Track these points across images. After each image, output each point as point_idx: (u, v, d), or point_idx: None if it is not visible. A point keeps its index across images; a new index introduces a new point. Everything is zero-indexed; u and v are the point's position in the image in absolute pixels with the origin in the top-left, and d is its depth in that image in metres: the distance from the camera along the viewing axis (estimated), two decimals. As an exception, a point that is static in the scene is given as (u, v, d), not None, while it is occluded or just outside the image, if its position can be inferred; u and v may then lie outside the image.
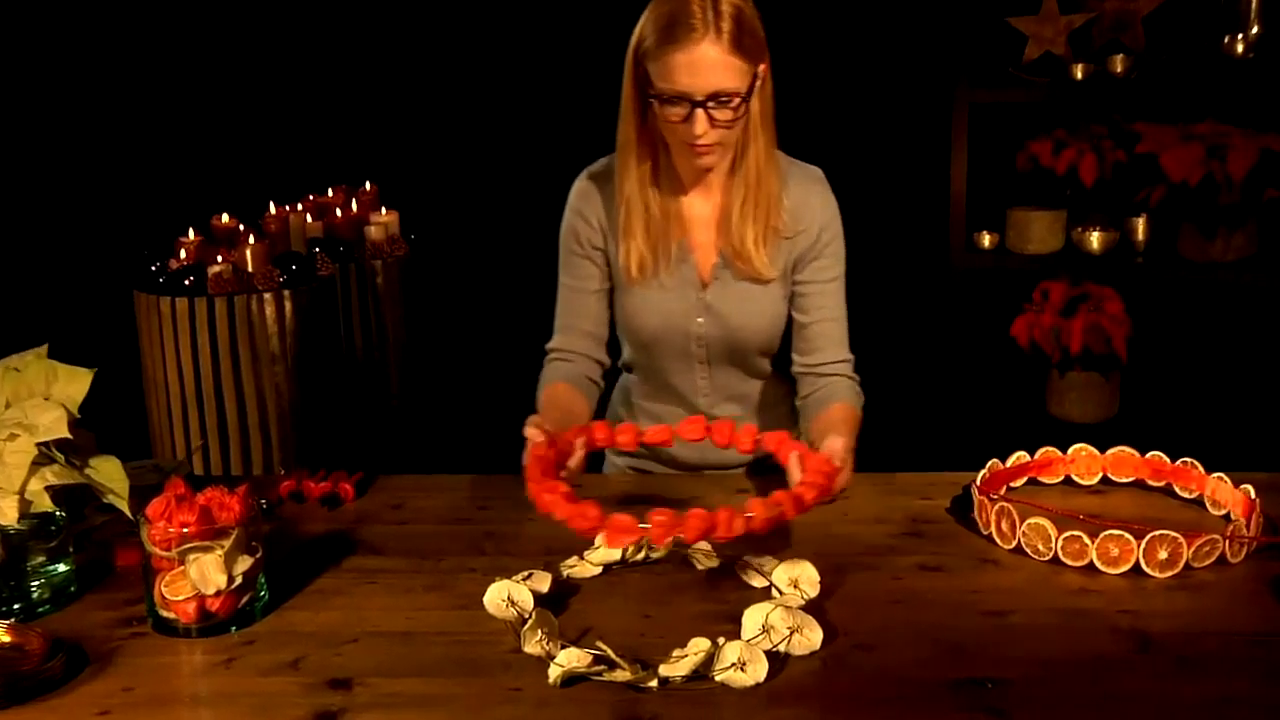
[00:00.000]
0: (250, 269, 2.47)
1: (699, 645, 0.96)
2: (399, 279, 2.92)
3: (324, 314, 2.59)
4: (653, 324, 1.43)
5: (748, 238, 1.37)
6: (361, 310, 2.86)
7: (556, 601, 1.10)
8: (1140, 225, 2.67)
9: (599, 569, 1.17)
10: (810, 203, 1.40)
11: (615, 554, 1.17)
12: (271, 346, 2.45)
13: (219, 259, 2.50)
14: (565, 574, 1.16)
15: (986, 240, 2.82)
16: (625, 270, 1.40)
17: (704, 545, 1.19)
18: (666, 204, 1.39)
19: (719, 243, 1.39)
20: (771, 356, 1.48)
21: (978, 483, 1.32)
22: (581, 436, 1.26)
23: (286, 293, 2.46)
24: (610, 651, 0.94)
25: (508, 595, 1.06)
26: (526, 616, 1.04)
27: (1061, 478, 1.41)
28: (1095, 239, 2.70)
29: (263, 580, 1.10)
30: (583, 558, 1.18)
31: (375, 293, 2.88)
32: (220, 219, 2.86)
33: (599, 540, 1.18)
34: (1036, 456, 1.40)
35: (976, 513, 1.29)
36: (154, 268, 2.53)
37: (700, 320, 1.42)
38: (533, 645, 0.98)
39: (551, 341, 1.48)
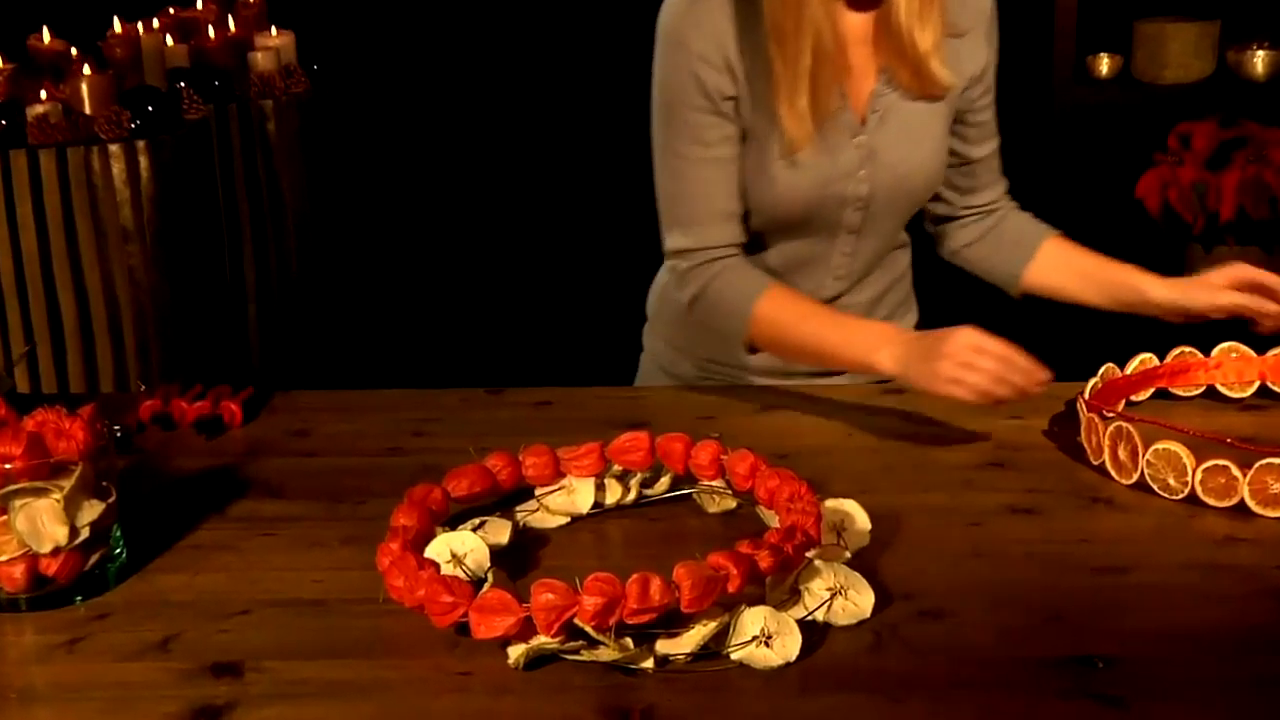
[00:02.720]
0: (88, 110, 2.43)
1: (709, 614, 0.97)
2: (296, 126, 2.88)
3: (194, 173, 2.56)
4: (804, 199, 1.43)
5: (923, 38, 1.39)
6: (246, 169, 2.82)
7: (518, 558, 1.11)
8: (1319, 43, 2.63)
9: (567, 519, 1.19)
10: None
11: (586, 496, 1.19)
12: (122, 218, 2.42)
13: (42, 95, 2.44)
14: (523, 522, 1.18)
15: (1105, 65, 2.76)
16: (786, 129, 1.37)
17: (716, 481, 1.21)
18: (833, 15, 1.37)
19: (878, 59, 1.42)
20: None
21: (1086, 395, 1.32)
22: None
23: (140, 144, 2.42)
24: (590, 629, 0.95)
25: (453, 550, 1.06)
26: (480, 577, 1.04)
27: (1202, 388, 1.42)
28: (1259, 61, 2.64)
29: (118, 533, 1.10)
30: (540, 501, 1.20)
31: (264, 144, 2.84)
32: (40, 39, 2.79)
33: (568, 480, 1.20)
34: (1168, 360, 1.40)
35: (1084, 436, 1.29)
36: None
37: (861, 174, 1.43)
38: (485, 616, 0.99)
39: (681, 238, 1.42)
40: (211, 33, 2.90)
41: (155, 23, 2.90)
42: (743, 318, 1.40)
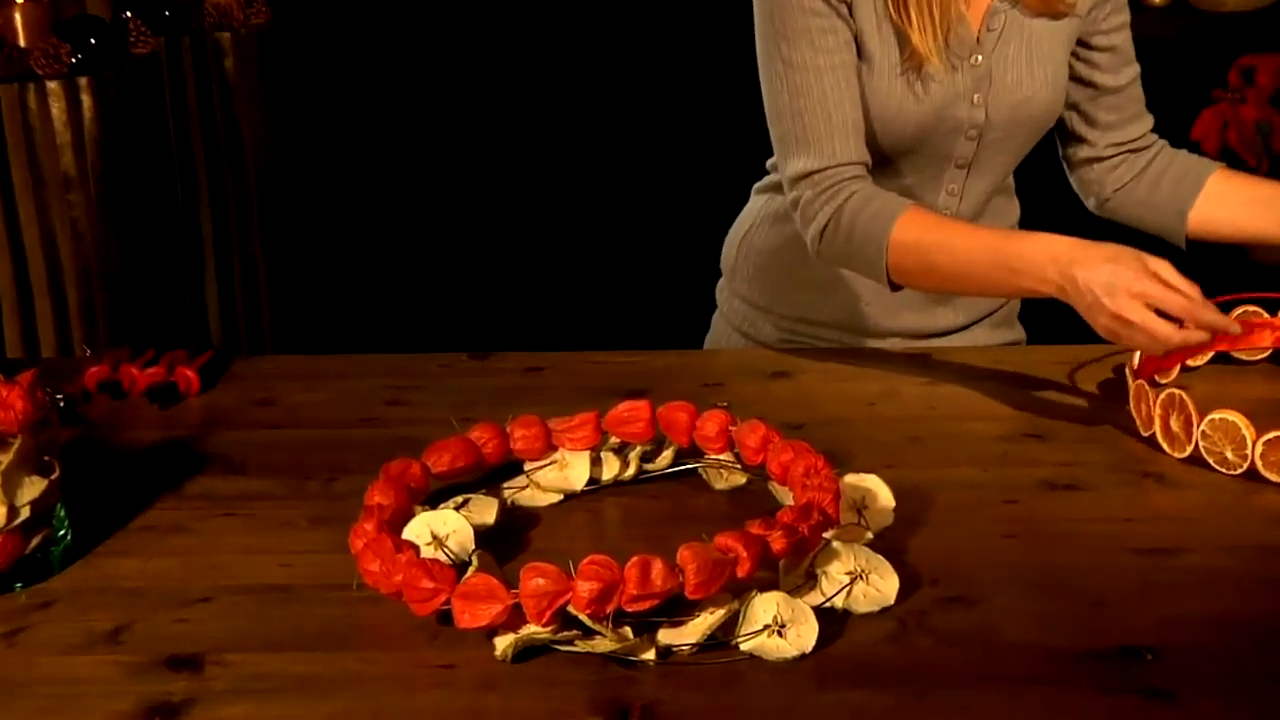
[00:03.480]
0: (22, 43, 2.41)
1: (716, 600, 0.97)
2: (257, 62, 2.86)
3: (143, 114, 2.55)
4: (917, 123, 1.42)
5: None
6: (202, 110, 2.81)
7: (506, 539, 1.11)
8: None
9: (559, 496, 1.19)
10: None
11: (580, 472, 1.20)
12: (62, 165, 2.41)
13: (-30, 27, 2.43)
14: (511, 500, 1.18)
15: (1160, -9, 2.74)
16: (912, 40, 1.37)
17: (724, 455, 1.21)
18: None
19: None
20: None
21: (1136, 360, 1.32)
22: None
23: (82, 81, 2.40)
24: (585, 617, 0.95)
25: (434, 531, 1.07)
26: (463, 560, 1.04)
27: (1267, 353, 1.41)
28: (1328, -12, 2.63)
29: (63, 513, 1.10)
30: (529, 478, 1.20)
31: (222, 82, 2.82)
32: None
33: (561, 454, 1.20)
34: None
35: (1133, 404, 1.29)
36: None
37: (976, 98, 1.43)
38: (469, 604, 1.00)
39: (805, 160, 1.39)
40: (161, -44, 2.88)
41: (98, -56, 2.87)
42: (880, 244, 1.33)
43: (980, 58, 1.42)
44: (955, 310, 1.57)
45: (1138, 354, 1.32)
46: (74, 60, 2.41)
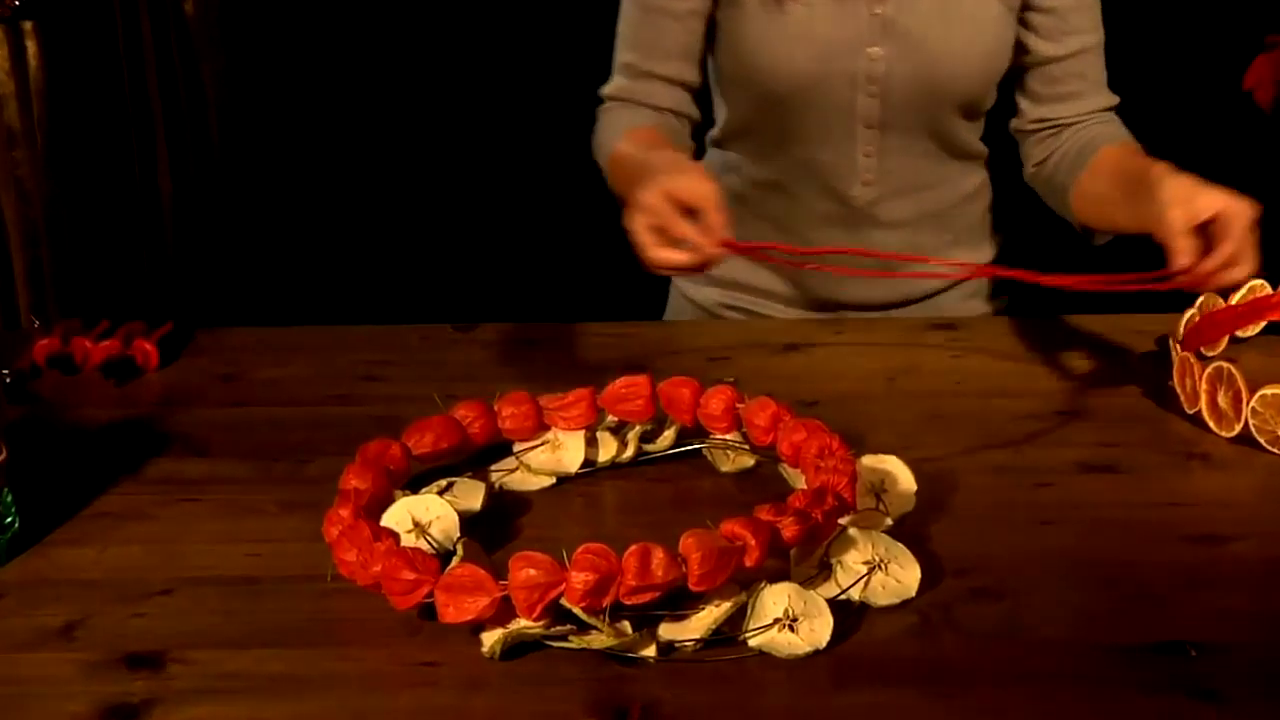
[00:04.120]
0: (-39, -16, 2.40)
1: (723, 593, 0.97)
2: (219, 6, 2.85)
3: (94, 62, 2.54)
4: (797, 63, 1.43)
5: None
6: (159, 56, 2.79)
7: (494, 526, 1.11)
8: None
9: (552, 479, 1.19)
10: None
11: (575, 453, 1.20)
12: (6, 117, 2.41)
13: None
14: (499, 484, 1.19)
15: (1209, -73, 2.72)
16: None
17: (730, 434, 1.22)
18: None
19: None
20: (976, 120, 1.52)
21: (1180, 331, 1.32)
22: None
23: (27, 25, 2.39)
24: (580, 610, 0.95)
25: (416, 518, 1.07)
26: (448, 549, 1.04)
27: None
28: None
29: (9, 499, 1.10)
30: (519, 459, 1.20)
31: (180, 26, 2.81)
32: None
33: (554, 434, 1.21)
34: (1281, 287, 1.40)
35: (1177, 379, 1.29)
36: None
37: (876, 51, 1.42)
38: (453, 597, 1.00)
39: (609, 85, 1.48)
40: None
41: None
42: (606, 155, 1.41)
43: (883, 9, 1.41)
44: (910, 282, 1.57)
45: (1183, 324, 1.32)
46: (17, 3, 2.40)
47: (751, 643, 0.95)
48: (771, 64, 1.41)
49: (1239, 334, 1.40)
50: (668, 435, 1.23)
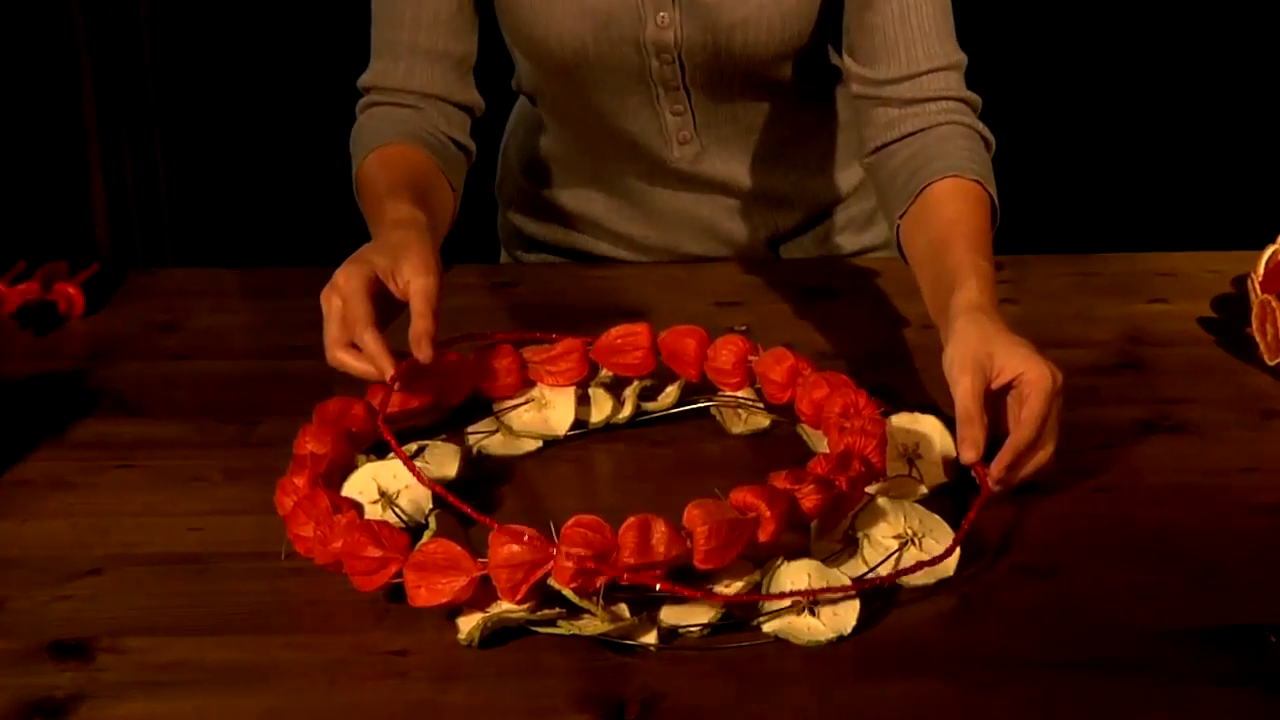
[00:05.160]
0: None
1: (733, 571, 0.98)
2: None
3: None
4: (577, 32, 1.41)
5: None
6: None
7: (471, 497, 1.10)
8: None
9: (537, 443, 1.20)
10: None
11: (564, 413, 1.20)
12: (-90, 28, 2.39)
13: None
14: (477, 448, 1.19)
15: None
16: None
17: (742, 391, 1.22)
18: None
19: None
20: (802, 65, 1.47)
21: (1260, 271, 1.31)
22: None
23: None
24: (570, 592, 0.96)
25: (382, 487, 1.08)
26: (418, 523, 1.05)
27: None
28: None
29: (-84, 466, 1.10)
30: (499, 420, 1.20)
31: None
32: None
33: (539, 391, 1.21)
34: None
35: (1256, 326, 1.30)
36: None
37: (663, 17, 1.40)
38: (426, 576, 1.00)
39: (367, 73, 1.45)
40: None
41: None
42: (355, 171, 1.38)
43: None
44: (778, 216, 1.57)
45: (1263, 262, 1.31)
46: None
47: (766, 628, 0.96)
48: (548, 33, 1.40)
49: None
50: (670, 392, 1.23)
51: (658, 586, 0.94)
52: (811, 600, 0.96)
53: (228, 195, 2.98)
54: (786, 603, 0.96)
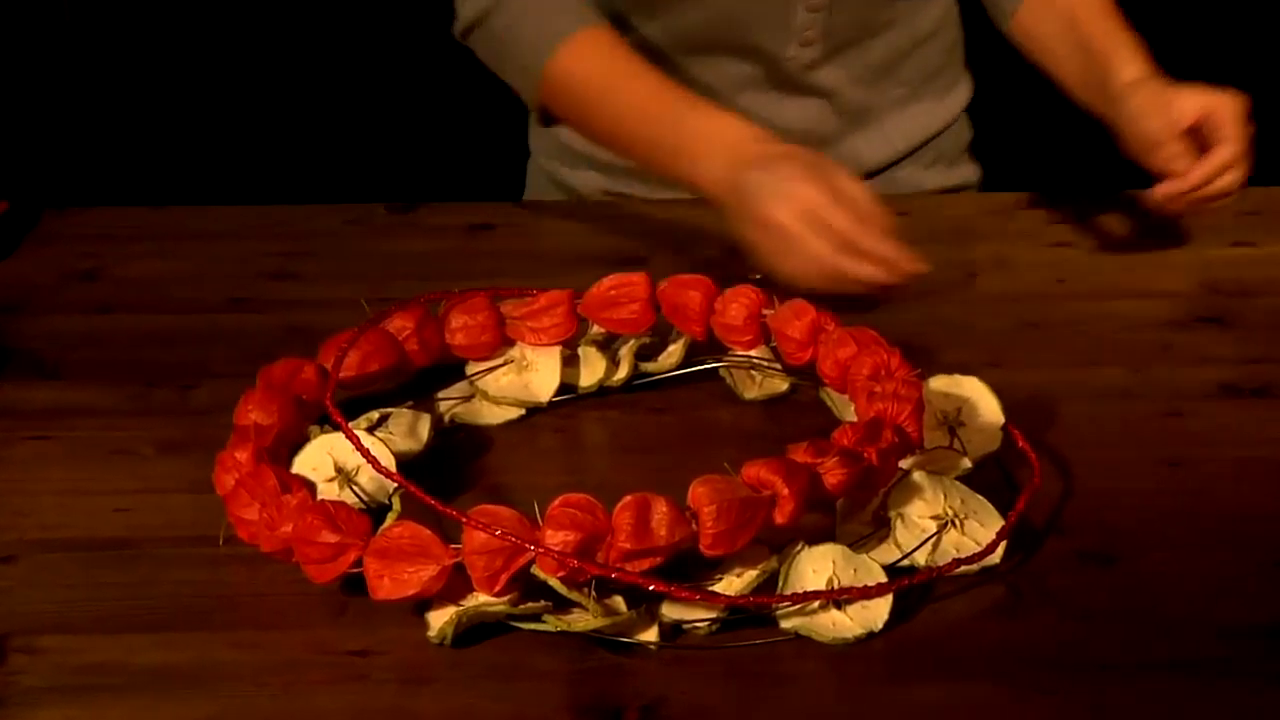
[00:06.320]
0: None
1: (746, 558, 0.98)
2: None
3: None
4: None
5: None
6: None
7: (442, 474, 1.12)
8: None
9: (518, 410, 1.20)
10: None
11: (549, 377, 1.20)
12: None
13: None
14: (449, 417, 1.19)
15: None
16: None
17: (756, 350, 1.22)
18: None
19: None
20: None
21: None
22: None
23: None
24: (558, 582, 0.96)
25: (339, 463, 1.08)
26: (381, 503, 1.05)
27: None
28: None
29: None
30: (474, 385, 1.21)
31: None
32: None
33: (520, 351, 1.22)
34: None
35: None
36: None
37: None
38: (390, 565, 1.00)
39: (467, 6, 1.47)
40: None
41: None
42: (534, 69, 1.41)
43: None
44: (864, 141, 1.61)
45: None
46: None
47: (784, 624, 0.96)
48: None
49: None
50: (673, 351, 1.23)
51: (650, 587, 0.94)
52: (837, 590, 0.96)
53: (166, 124, 2.97)
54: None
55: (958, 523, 1.01)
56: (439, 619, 0.96)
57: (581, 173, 1.66)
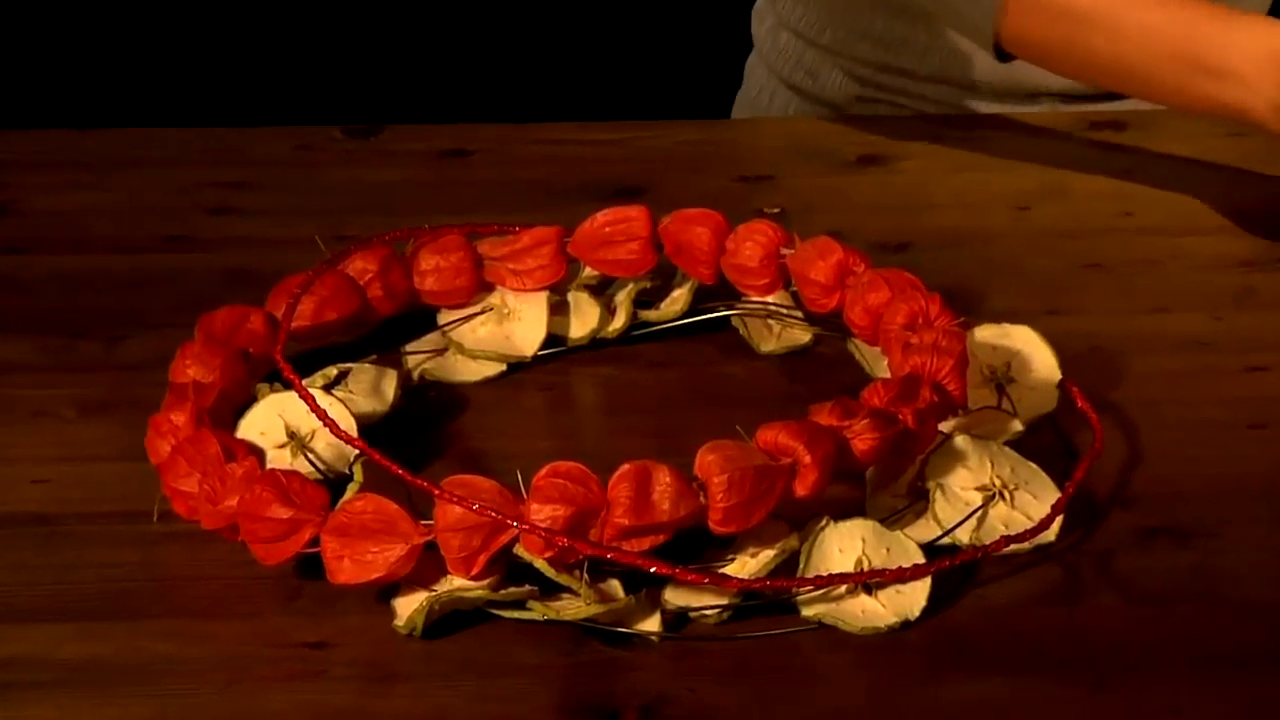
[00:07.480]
0: None
1: (763, 536, 0.98)
2: None
3: None
4: None
5: None
6: None
7: (411, 439, 1.12)
8: None
9: (499, 366, 1.20)
10: None
11: (534, 327, 1.20)
12: None
13: None
14: (418, 373, 1.20)
15: None
16: None
17: (773, 296, 1.22)
18: None
19: None
20: None
21: None
22: None
23: None
24: (545, 564, 0.96)
25: (290, 426, 1.08)
26: (341, 473, 1.06)
27: None
28: None
29: None
30: (447, 336, 1.21)
31: None
32: None
33: (501, 296, 1.22)
34: None
35: None
36: None
37: None
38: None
39: None
40: None
41: None
42: None
43: None
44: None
45: None
46: None
47: (806, 611, 0.96)
48: None
49: None
50: (677, 298, 1.23)
51: (652, 569, 0.94)
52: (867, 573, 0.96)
53: (79, 34, 2.97)
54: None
55: (1006, 495, 1.02)
56: (407, 607, 0.96)
57: (824, 72, 1.66)
